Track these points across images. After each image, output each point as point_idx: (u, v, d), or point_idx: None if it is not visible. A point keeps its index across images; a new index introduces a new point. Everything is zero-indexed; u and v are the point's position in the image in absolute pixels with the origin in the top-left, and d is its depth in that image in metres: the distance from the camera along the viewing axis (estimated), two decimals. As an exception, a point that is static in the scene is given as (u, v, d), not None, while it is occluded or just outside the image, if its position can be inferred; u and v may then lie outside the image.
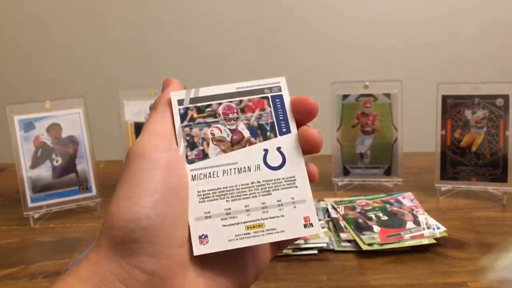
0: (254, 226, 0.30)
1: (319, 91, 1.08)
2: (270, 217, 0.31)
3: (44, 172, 0.72)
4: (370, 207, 0.69)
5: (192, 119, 0.33)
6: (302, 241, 0.60)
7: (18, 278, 0.57)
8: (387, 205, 0.69)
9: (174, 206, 0.29)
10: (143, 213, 0.28)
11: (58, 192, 0.73)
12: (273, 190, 0.31)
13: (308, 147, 0.33)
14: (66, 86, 1.44)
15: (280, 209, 0.31)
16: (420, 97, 1.15)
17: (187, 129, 0.32)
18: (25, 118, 0.71)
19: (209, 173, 0.31)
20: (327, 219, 0.68)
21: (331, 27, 1.46)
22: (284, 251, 0.58)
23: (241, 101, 0.34)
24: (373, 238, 0.61)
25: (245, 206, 0.31)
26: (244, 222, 0.30)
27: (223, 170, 0.32)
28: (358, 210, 0.68)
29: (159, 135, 0.31)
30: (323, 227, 0.65)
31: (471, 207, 0.73)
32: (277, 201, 0.31)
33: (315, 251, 0.59)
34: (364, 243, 0.60)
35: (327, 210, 0.70)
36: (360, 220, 0.65)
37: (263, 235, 0.30)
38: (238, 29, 1.45)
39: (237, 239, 0.30)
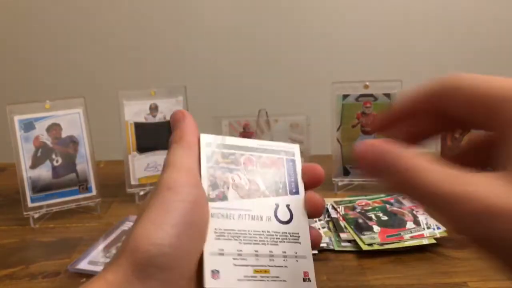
0: (261, 271, 0.33)
1: (319, 91, 1.08)
2: (275, 266, 0.33)
3: (44, 172, 0.72)
4: (370, 207, 0.69)
5: (217, 162, 0.36)
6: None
7: (18, 278, 0.57)
8: (387, 205, 0.69)
9: (194, 239, 0.31)
10: (167, 241, 0.29)
11: (58, 192, 0.73)
12: (280, 242, 0.34)
13: (312, 210, 0.36)
14: (66, 86, 1.44)
15: (285, 260, 0.34)
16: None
17: (211, 170, 0.35)
18: (25, 118, 0.71)
19: (227, 214, 0.34)
20: (327, 219, 0.68)
21: (331, 27, 1.46)
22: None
23: (260, 156, 0.37)
24: (373, 238, 0.61)
25: (255, 251, 0.33)
26: (252, 265, 0.33)
27: (239, 214, 0.34)
28: (358, 210, 0.68)
29: (189, 171, 0.33)
30: (323, 227, 0.65)
31: (471, 207, 0.73)
32: (283, 252, 0.34)
33: (315, 251, 0.59)
34: (364, 243, 0.60)
35: (327, 210, 0.70)
36: (360, 220, 0.65)
37: (268, 280, 0.33)
38: (238, 29, 1.45)
39: (245, 280, 0.32)
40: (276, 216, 0.35)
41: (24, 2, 1.42)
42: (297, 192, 0.37)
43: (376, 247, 0.59)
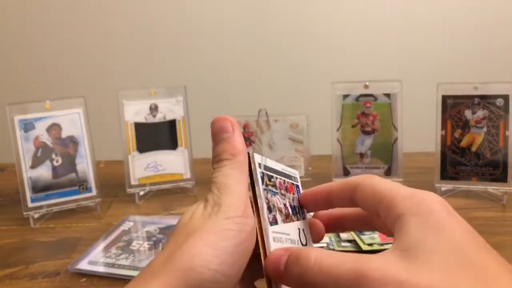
0: None
1: (319, 91, 1.08)
2: None
3: (44, 172, 0.72)
4: (370, 207, 0.69)
5: (267, 184, 0.34)
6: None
7: (18, 278, 0.57)
8: (387, 205, 0.69)
9: (242, 267, 0.31)
10: (222, 268, 0.29)
11: (58, 192, 0.73)
12: None
13: (314, 235, 0.37)
14: (66, 86, 1.44)
15: None
16: (420, 97, 1.15)
17: (265, 192, 0.34)
18: (25, 118, 0.71)
19: (279, 238, 0.34)
20: (327, 219, 0.68)
21: (331, 27, 1.46)
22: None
23: (284, 180, 0.37)
24: (373, 238, 0.61)
25: None
26: None
27: (286, 238, 0.34)
28: (358, 210, 0.68)
29: (246, 200, 0.32)
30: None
31: (471, 207, 0.73)
32: None
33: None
34: (364, 243, 0.60)
35: (327, 210, 0.70)
36: (360, 220, 0.65)
37: None
38: (239, 29, 1.45)
39: None
40: (300, 240, 0.36)
41: (24, 2, 1.42)
42: (304, 217, 0.38)
43: (376, 247, 0.59)
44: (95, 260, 0.60)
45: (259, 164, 0.34)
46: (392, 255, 0.27)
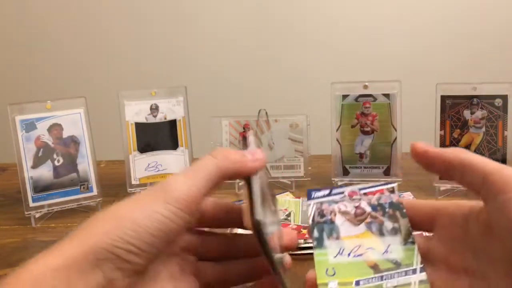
0: None
1: (319, 91, 1.08)
2: None
3: (46, 172, 0.73)
4: (369, 207, 0.69)
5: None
6: (301, 241, 0.60)
7: (20, 277, 0.58)
8: (386, 205, 0.69)
9: (158, 251, 0.35)
10: (137, 243, 0.33)
11: (59, 191, 0.74)
12: None
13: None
14: (67, 86, 1.44)
15: None
16: (419, 97, 1.16)
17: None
18: (26, 118, 0.72)
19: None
20: (327, 218, 0.68)
21: (331, 28, 1.46)
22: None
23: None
24: (372, 238, 0.61)
25: None
26: None
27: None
28: (357, 209, 0.69)
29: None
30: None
31: (470, 206, 0.73)
32: None
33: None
34: (363, 242, 0.60)
35: (327, 209, 0.70)
36: (360, 220, 0.65)
37: None
38: (239, 29, 1.45)
39: None
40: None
41: (25, 3, 1.43)
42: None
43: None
44: (96, 259, 0.60)
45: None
46: None
